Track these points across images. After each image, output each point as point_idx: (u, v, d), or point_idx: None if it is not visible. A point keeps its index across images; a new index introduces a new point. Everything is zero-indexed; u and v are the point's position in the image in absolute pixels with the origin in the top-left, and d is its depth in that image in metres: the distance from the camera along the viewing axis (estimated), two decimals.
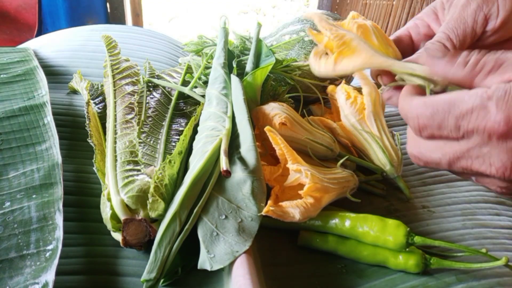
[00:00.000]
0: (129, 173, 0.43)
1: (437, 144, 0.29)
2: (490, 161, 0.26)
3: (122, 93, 0.54)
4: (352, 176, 0.48)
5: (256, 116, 0.51)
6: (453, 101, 0.27)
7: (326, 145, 0.51)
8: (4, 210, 0.38)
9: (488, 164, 0.27)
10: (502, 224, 0.50)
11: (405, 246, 0.40)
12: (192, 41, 0.70)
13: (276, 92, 0.60)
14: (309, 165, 0.45)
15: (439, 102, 0.27)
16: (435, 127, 0.28)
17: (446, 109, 0.27)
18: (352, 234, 0.42)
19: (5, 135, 0.47)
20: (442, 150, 0.29)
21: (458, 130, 0.27)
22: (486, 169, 0.27)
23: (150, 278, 0.35)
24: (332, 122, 0.57)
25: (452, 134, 0.27)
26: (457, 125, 0.27)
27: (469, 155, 0.27)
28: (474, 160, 0.27)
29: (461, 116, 0.26)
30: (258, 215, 0.39)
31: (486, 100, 0.25)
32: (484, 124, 0.25)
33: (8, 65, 0.61)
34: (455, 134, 0.27)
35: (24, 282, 0.33)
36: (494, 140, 0.26)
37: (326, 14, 0.67)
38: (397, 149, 0.53)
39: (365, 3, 2.45)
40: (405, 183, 0.53)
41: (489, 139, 0.26)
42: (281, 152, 0.44)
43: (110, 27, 0.92)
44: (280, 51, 0.66)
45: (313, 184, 0.42)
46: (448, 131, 0.27)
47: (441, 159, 0.29)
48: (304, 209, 0.41)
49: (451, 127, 0.27)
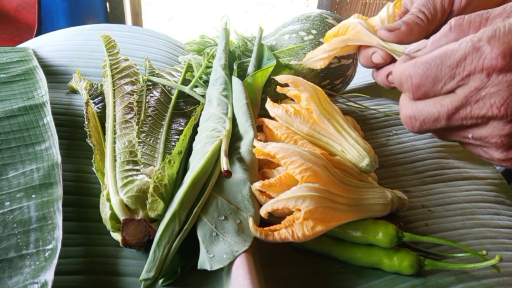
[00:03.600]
0: (128, 173, 0.43)
1: (434, 100, 0.28)
2: (490, 102, 0.26)
3: (121, 93, 0.54)
4: (387, 203, 0.43)
5: None
6: (444, 54, 0.27)
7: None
8: (4, 210, 0.38)
9: (489, 105, 0.26)
10: (502, 224, 0.50)
11: (395, 240, 0.40)
12: (194, 41, 0.70)
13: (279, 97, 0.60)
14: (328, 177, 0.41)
15: (431, 58, 0.28)
16: (429, 84, 0.28)
17: (439, 63, 0.27)
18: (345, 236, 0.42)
19: (5, 135, 0.47)
20: (440, 103, 0.28)
21: (453, 79, 0.27)
22: (488, 111, 0.26)
23: (148, 277, 0.35)
24: None
25: (446, 86, 0.27)
26: (452, 74, 0.27)
27: (468, 102, 0.27)
28: (474, 106, 0.27)
29: (455, 64, 0.26)
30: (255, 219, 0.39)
31: (477, 42, 0.25)
32: (482, 64, 0.25)
33: (8, 65, 0.61)
34: (450, 85, 0.27)
35: (24, 282, 0.33)
36: (493, 77, 0.25)
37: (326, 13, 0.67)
38: (367, 143, 0.48)
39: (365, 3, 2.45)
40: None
41: (488, 78, 0.25)
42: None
43: (109, 26, 0.92)
44: (283, 56, 0.66)
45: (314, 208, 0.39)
46: (443, 83, 0.27)
47: (440, 112, 0.28)
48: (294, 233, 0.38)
49: (446, 78, 0.27)
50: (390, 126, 0.69)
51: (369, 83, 0.80)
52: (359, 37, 0.39)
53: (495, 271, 0.39)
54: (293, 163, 0.40)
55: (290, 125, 0.48)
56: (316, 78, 0.66)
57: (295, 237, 0.38)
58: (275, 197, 0.40)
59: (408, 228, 0.48)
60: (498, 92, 0.25)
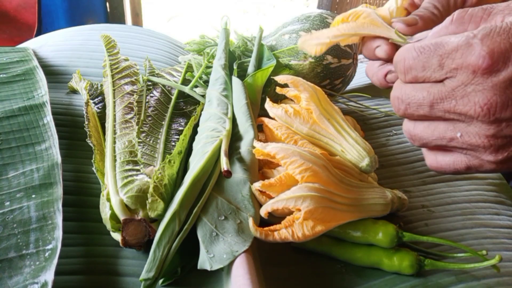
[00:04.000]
0: (128, 173, 0.43)
1: (422, 85, 0.29)
2: (474, 100, 0.26)
3: (121, 93, 0.54)
4: (387, 203, 0.43)
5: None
6: (439, 42, 0.27)
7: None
8: (4, 210, 0.38)
9: (472, 103, 0.26)
10: (502, 224, 0.50)
11: (395, 240, 0.40)
12: (194, 41, 0.70)
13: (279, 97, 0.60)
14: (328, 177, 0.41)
15: (426, 44, 0.28)
16: (419, 68, 0.28)
17: (432, 50, 0.27)
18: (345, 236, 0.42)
19: (5, 135, 0.47)
20: (427, 90, 0.28)
21: (442, 69, 0.27)
22: (470, 109, 0.26)
23: (148, 277, 0.35)
24: None
25: (435, 74, 0.27)
26: (441, 63, 0.27)
27: (454, 95, 0.27)
28: (459, 101, 0.27)
29: (446, 54, 0.26)
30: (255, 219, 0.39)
31: (472, 38, 0.25)
32: (469, 61, 0.25)
33: (8, 65, 0.61)
34: (439, 74, 0.27)
35: (24, 282, 0.33)
36: (479, 76, 0.25)
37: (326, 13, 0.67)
38: (367, 143, 0.48)
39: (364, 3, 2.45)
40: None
41: (474, 76, 0.25)
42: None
43: (109, 26, 0.92)
44: (283, 57, 0.66)
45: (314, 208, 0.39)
46: (432, 71, 0.27)
47: (425, 98, 0.28)
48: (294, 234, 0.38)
49: (434, 66, 0.27)
50: (390, 126, 0.69)
51: (369, 83, 0.80)
52: (372, 26, 0.37)
53: (495, 271, 0.39)
54: (293, 163, 0.40)
55: (290, 126, 0.48)
56: (316, 78, 0.66)
57: (295, 237, 0.38)
58: (275, 197, 0.40)
59: (408, 228, 0.48)
60: (483, 91, 0.25)
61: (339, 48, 0.65)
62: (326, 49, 0.40)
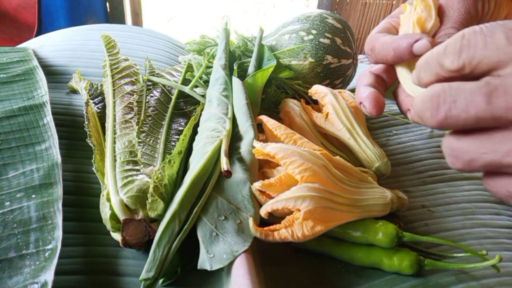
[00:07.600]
0: (128, 173, 0.43)
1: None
2: None
3: (121, 93, 0.54)
4: (387, 203, 0.43)
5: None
6: None
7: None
8: (4, 210, 0.38)
9: None
10: (502, 224, 0.50)
11: (395, 240, 0.40)
12: (194, 41, 0.70)
13: (278, 99, 0.60)
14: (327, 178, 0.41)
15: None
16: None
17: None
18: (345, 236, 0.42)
19: (5, 135, 0.47)
20: None
21: None
22: None
23: (148, 277, 0.35)
24: None
25: None
26: None
27: None
28: None
29: None
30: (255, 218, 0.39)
31: None
32: None
33: (8, 65, 0.61)
34: None
35: (24, 282, 0.33)
36: None
37: (326, 13, 0.67)
38: (378, 147, 0.51)
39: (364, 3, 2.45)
40: None
41: None
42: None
43: (109, 26, 0.92)
44: (283, 57, 0.66)
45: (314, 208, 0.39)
46: None
47: None
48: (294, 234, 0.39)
49: None
50: (390, 126, 0.69)
51: None
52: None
53: (495, 271, 0.39)
54: (292, 163, 0.40)
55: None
56: (316, 78, 0.66)
57: (295, 237, 0.38)
58: (275, 197, 0.40)
59: (408, 228, 0.48)
60: None
61: (339, 48, 0.65)
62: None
